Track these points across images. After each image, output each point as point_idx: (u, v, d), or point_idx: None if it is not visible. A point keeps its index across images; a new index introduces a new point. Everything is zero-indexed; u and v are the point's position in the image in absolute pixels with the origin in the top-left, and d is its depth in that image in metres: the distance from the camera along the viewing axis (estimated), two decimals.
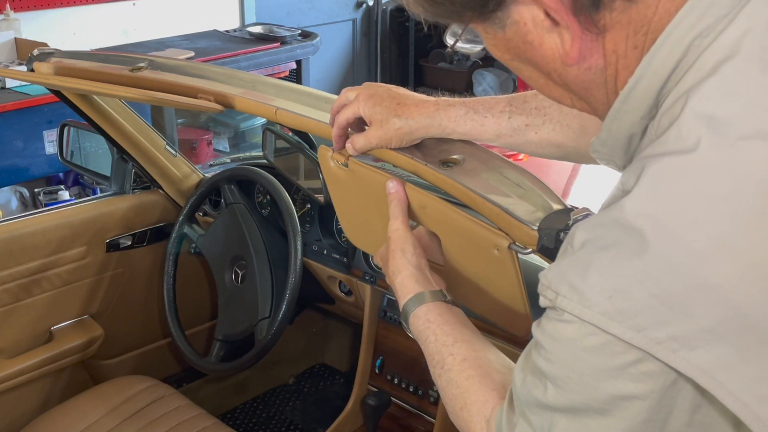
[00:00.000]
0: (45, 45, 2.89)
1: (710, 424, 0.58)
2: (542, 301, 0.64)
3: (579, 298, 0.60)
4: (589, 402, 0.61)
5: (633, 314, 0.57)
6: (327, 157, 1.15)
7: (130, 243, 2.02)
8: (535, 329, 0.67)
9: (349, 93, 1.09)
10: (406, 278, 0.98)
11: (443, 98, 1.07)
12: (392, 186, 1.06)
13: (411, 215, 1.07)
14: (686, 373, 0.56)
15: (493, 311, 1.07)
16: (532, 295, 0.74)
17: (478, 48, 0.79)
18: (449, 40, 0.82)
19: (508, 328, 1.09)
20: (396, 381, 1.85)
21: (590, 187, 3.16)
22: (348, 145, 1.08)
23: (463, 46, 0.80)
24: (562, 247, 0.65)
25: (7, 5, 3.37)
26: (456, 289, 1.04)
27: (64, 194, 3.49)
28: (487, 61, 5.11)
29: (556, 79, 0.70)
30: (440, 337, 0.91)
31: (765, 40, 0.61)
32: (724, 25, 0.61)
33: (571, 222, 0.91)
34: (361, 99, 1.06)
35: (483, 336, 0.94)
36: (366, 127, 1.07)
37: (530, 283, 0.82)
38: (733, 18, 0.61)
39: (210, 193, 2.02)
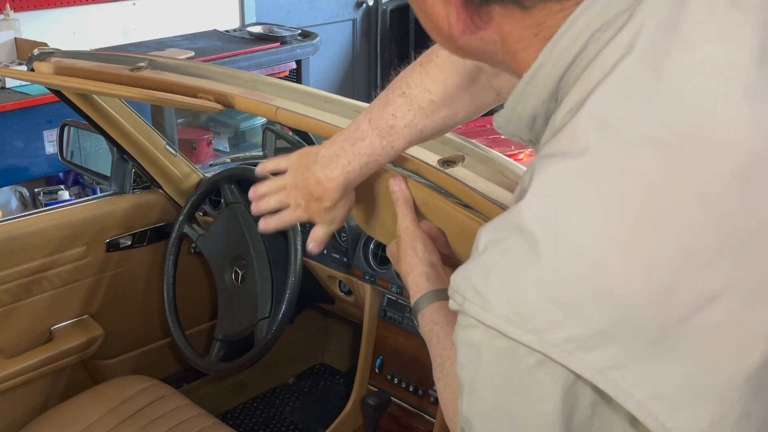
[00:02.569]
0: (45, 45, 2.89)
1: (610, 418, 0.60)
2: (451, 305, 0.64)
3: (482, 303, 0.60)
4: (498, 406, 0.62)
5: (530, 318, 0.58)
6: None
7: (130, 243, 2.02)
8: (453, 338, 0.67)
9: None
10: (417, 276, 0.99)
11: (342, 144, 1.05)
12: (395, 184, 1.06)
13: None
14: (582, 373, 0.57)
15: None
16: None
17: None
18: None
19: None
20: (396, 381, 1.85)
21: None
22: (315, 244, 1.12)
23: None
24: (472, 248, 0.65)
25: (7, 5, 3.37)
26: None
27: (64, 194, 3.49)
28: None
29: (447, 37, 0.69)
30: (442, 340, 0.91)
31: (656, 36, 0.61)
32: (623, 21, 0.61)
33: None
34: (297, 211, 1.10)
35: None
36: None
37: None
38: (632, 13, 0.61)
39: (210, 193, 2.02)
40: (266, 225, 1.15)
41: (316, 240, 1.12)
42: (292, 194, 1.10)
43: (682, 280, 0.57)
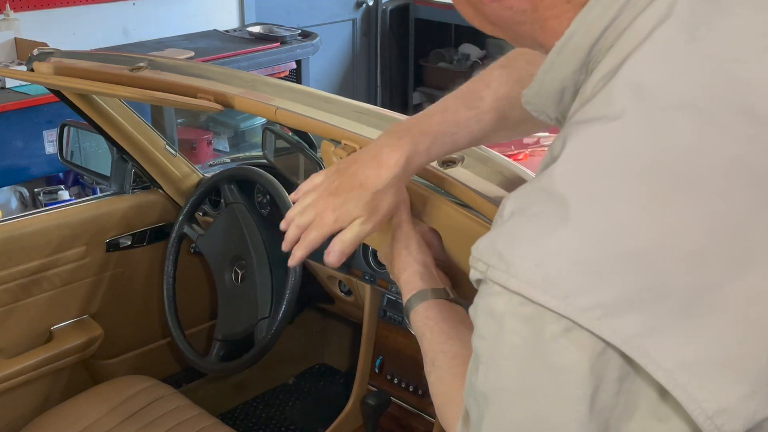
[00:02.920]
0: (45, 45, 2.89)
1: (637, 392, 0.58)
2: (473, 274, 0.63)
3: (506, 268, 0.58)
4: (518, 379, 0.60)
5: (558, 282, 0.56)
6: (330, 152, 1.16)
7: (129, 243, 2.02)
8: (471, 309, 0.65)
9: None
10: (411, 275, 0.98)
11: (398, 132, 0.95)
12: None
13: (412, 212, 1.07)
14: (611, 340, 0.56)
15: None
16: None
17: None
18: None
19: None
20: (396, 381, 1.85)
21: None
22: (335, 252, 0.95)
23: None
24: (495, 218, 0.64)
25: (7, 5, 3.37)
26: (457, 286, 1.04)
27: (64, 194, 3.49)
28: (487, 61, 5.10)
29: (474, 5, 0.69)
30: (436, 335, 0.91)
31: (694, 3, 0.61)
32: None
33: None
34: (329, 216, 0.95)
35: None
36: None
37: None
38: None
39: (210, 193, 2.02)
40: (293, 261, 1.00)
41: (341, 244, 0.94)
42: (319, 201, 0.96)
43: (716, 247, 0.56)
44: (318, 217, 0.95)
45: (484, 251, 0.61)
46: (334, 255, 0.95)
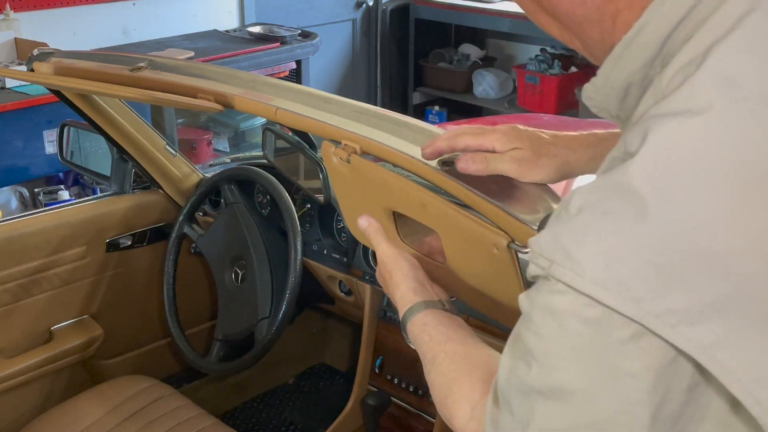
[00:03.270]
0: (45, 45, 2.89)
1: (707, 404, 0.56)
2: (533, 269, 0.60)
3: (573, 266, 0.56)
4: (576, 381, 0.58)
5: (630, 285, 0.54)
6: (330, 153, 1.16)
7: (130, 243, 2.02)
8: (524, 301, 0.62)
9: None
10: (405, 292, 0.98)
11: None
12: (363, 222, 1.06)
13: (411, 213, 1.07)
14: (685, 349, 0.53)
15: (494, 309, 1.07)
16: None
17: None
18: None
19: (509, 326, 1.09)
20: (396, 381, 1.85)
21: None
22: (468, 163, 0.96)
23: None
24: (555, 211, 0.61)
25: (7, 5, 3.37)
26: (457, 287, 1.04)
27: (64, 194, 3.49)
28: (487, 61, 5.10)
29: (547, 6, 0.66)
30: (435, 337, 0.91)
31: None
32: None
33: None
34: (500, 131, 0.92)
35: (480, 338, 0.94)
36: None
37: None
38: None
39: (210, 193, 2.02)
40: (427, 149, 1.00)
41: (481, 161, 0.94)
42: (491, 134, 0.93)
43: None
44: (485, 129, 0.93)
45: (547, 246, 0.58)
46: (465, 163, 0.96)
